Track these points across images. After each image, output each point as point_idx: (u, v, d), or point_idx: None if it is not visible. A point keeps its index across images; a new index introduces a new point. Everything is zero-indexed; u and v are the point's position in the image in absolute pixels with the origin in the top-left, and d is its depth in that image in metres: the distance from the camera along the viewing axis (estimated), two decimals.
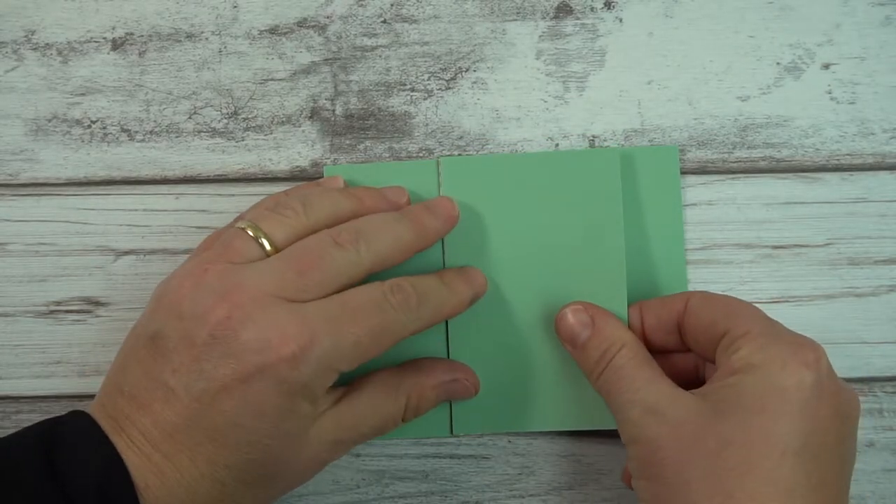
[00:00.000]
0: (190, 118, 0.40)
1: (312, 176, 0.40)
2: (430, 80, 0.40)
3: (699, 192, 0.39)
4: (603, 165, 0.37)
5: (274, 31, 0.40)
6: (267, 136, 0.40)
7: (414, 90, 0.40)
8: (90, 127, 0.40)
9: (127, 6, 0.41)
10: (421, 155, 0.40)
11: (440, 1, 0.40)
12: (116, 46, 0.40)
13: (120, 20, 0.41)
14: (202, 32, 0.40)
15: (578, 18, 0.40)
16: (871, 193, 0.39)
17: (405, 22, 0.40)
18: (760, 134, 0.39)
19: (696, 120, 0.40)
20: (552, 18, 0.40)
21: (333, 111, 0.40)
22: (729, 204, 0.39)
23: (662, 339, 0.35)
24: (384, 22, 0.40)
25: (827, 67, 0.40)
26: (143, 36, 0.40)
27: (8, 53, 0.40)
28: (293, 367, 0.29)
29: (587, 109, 0.40)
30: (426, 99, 0.40)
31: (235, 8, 0.40)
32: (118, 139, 0.40)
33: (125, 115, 0.40)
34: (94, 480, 0.29)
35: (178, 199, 0.40)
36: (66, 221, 0.40)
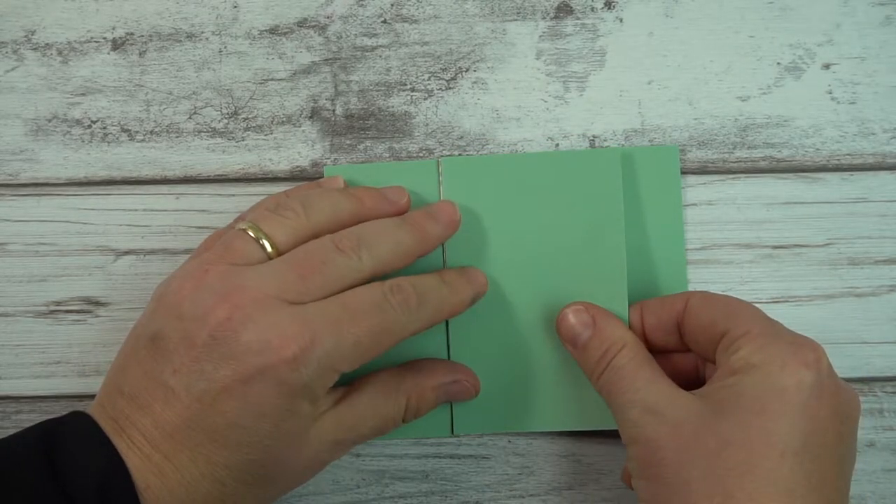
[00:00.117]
0: (190, 118, 0.40)
1: (312, 176, 0.40)
2: (430, 80, 0.40)
3: (699, 192, 0.39)
4: (603, 165, 0.37)
5: (274, 31, 0.40)
6: (267, 136, 0.40)
7: (414, 90, 0.40)
8: (90, 127, 0.40)
9: (127, 6, 0.41)
10: (421, 155, 0.40)
11: (440, 1, 0.40)
12: (116, 46, 0.40)
13: (120, 20, 0.41)
14: (202, 32, 0.40)
15: (578, 18, 0.40)
16: (871, 193, 0.39)
17: (405, 22, 0.40)
18: (761, 134, 0.39)
19: (696, 120, 0.40)
20: (552, 18, 0.40)
21: (333, 111, 0.40)
22: (729, 204, 0.39)
23: (662, 339, 0.35)
24: (384, 22, 0.40)
25: (827, 67, 0.40)
26: (143, 36, 0.40)
27: (8, 53, 0.40)
28: (293, 368, 0.29)
29: (587, 109, 0.40)
30: (426, 99, 0.40)
31: (235, 8, 0.40)
32: (118, 139, 0.40)
33: (125, 115, 0.40)
34: (94, 481, 0.29)
35: (178, 199, 0.40)
36: (66, 221, 0.40)
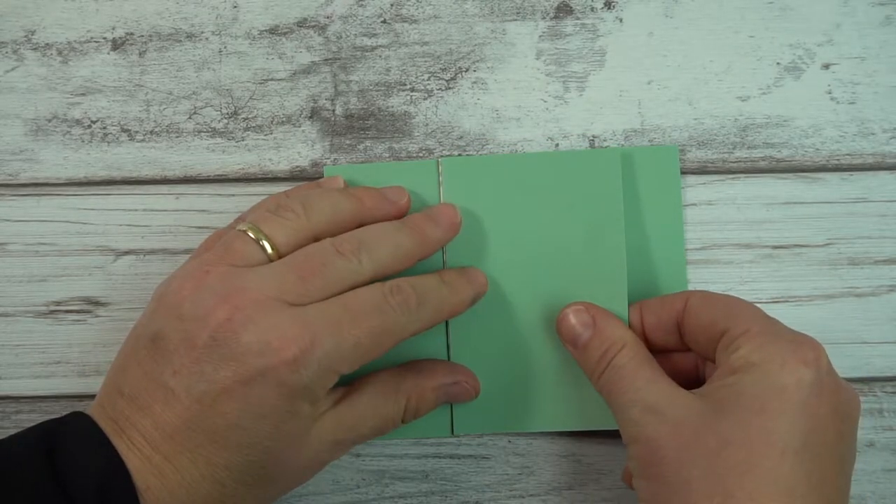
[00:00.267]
0: (190, 118, 0.40)
1: (312, 176, 0.40)
2: (430, 80, 0.40)
3: (699, 192, 0.39)
4: (603, 165, 0.37)
5: (274, 31, 0.40)
6: (267, 136, 0.40)
7: (414, 90, 0.40)
8: (90, 127, 0.40)
9: (127, 6, 0.41)
10: (421, 155, 0.40)
11: (440, 1, 0.40)
12: (116, 46, 0.40)
13: (120, 20, 0.41)
14: (202, 32, 0.40)
15: (578, 18, 0.40)
16: (871, 193, 0.39)
17: (405, 22, 0.40)
18: (760, 134, 0.39)
19: (696, 120, 0.40)
20: (552, 18, 0.40)
21: (333, 111, 0.40)
22: (729, 204, 0.39)
23: (662, 338, 0.35)
24: (384, 22, 0.40)
25: (827, 67, 0.40)
26: (143, 36, 0.40)
27: (8, 53, 0.40)
28: (294, 369, 0.29)
29: (587, 109, 0.40)
30: (426, 99, 0.40)
31: (235, 8, 0.40)
32: (118, 139, 0.40)
33: (125, 115, 0.40)
34: (94, 481, 0.29)
35: (178, 199, 0.40)
36: (66, 221, 0.40)
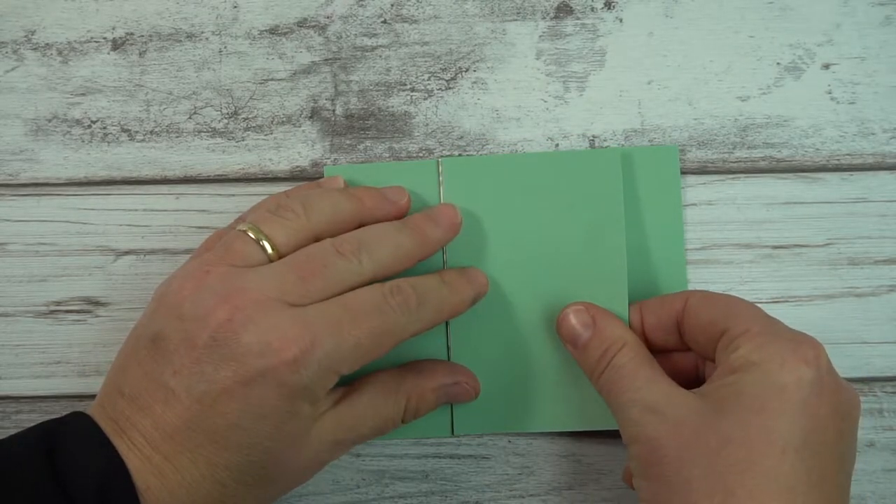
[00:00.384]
0: (190, 118, 0.40)
1: (312, 176, 0.40)
2: (430, 80, 0.40)
3: (699, 192, 0.39)
4: (604, 166, 0.37)
5: (274, 31, 0.40)
6: (267, 136, 0.40)
7: (414, 90, 0.40)
8: (90, 127, 0.40)
9: (127, 6, 0.41)
10: (421, 155, 0.40)
11: (440, 1, 0.40)
12: (116, 46, 0.40)
13: (120, 20, 0.41)
14: (202, 32, 0.40)
15: (578, 18, 0.40)
16: (871, 193, 0.39)
17: (405, 22, 0.40)
18: (760, 134, 0.39)
19: (696, 120, 0.40)
20: (552, 18, 0.40)
21: (333, 111, 0.40)
22: (729, 204, 0.39)
23: (662, 338, 0.35)
24: (384, 22, 0.40)
25: (827, 67, 0.40)
26: (143, 36, 0.40)
27: (8, 53, 0.40)
28: (294, 370, 0.29)
29: (587, 109, 0.40)
30: (426, 99, 0.40)
31: (235, 8, 0.40)
32: (118, 139, 0.40)
33: (125, 115, 0.40)
34: (94, 481, 0.29)
35: (178, 199, 0.40)
36: (66, 221, 0.40)
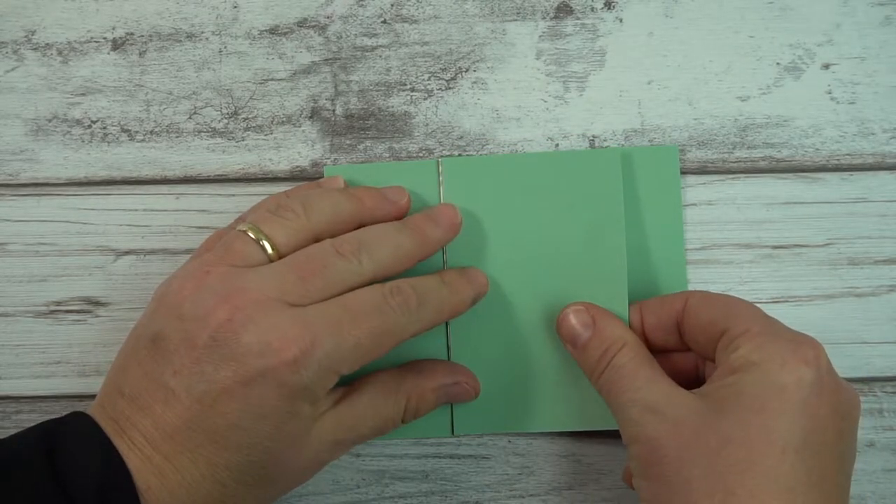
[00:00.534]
0: (190, 118, 0.40)
1: (312, 176, 0.40)
2: (430, 80, 0.40)
3: (699, 192, 0.39)
4: (604, 166, 0.37)
5: (274, 31, 0.40)
6: (267, 136, 0.40)
7: (414, 90, 0.40)
8: (90, 127, 0.40)
9: (127, 6, 0.41)
10: (421, 155, 0.40)
11: (440, 1, 0.40)
12: (116, 46, 0.40)
13: (120, 20, 0.41)
14: (202, 32, 0.40)
15: (578, 18, 0.40)
16: (871, 193, 0.39)
17: (405, 22, 0.40)
18: (760, 134, 0.39)
19: (696, 120, 0.40)
20: (552, 18, 0.40)
21: (333, 111, 0.40)
22: (729, 204, 0.39)
23: (662, 338, 0.35)
24: (384, 22, 0.40)
25: (827, 67, 0.40)
26: (143, 36, 0.40)
27: (8, 53, 0.40)
28: (294, 370, 0.29)
29: (587, 109, 0.40)
30: (426, 99, 0.40)
31: (235, 8, 0.40)
32: (118, 139, 0.40)
33: (125, 115, 0.40)
34: (95, 482, 0.29)
35: (178, 199, 0.40)
36: (66, 221, 0.40)
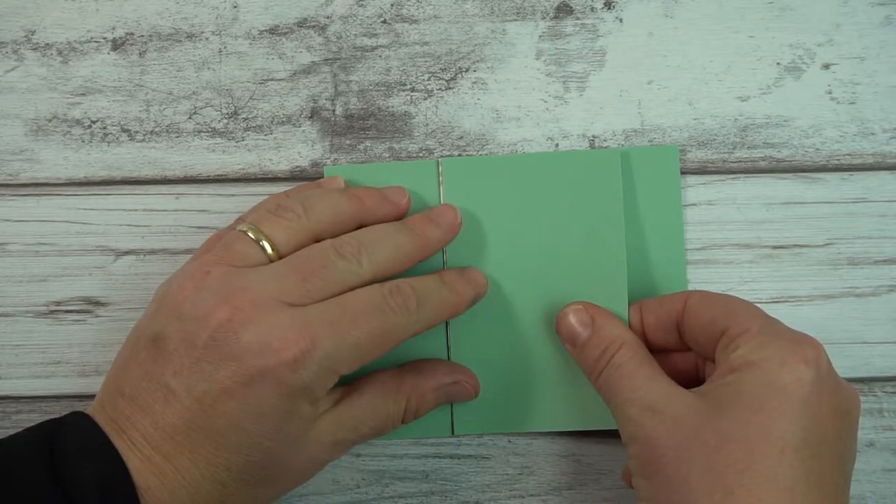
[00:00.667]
0: (190, 118, 0.40)
1: (312, 176, 0.40)
2: (430, 80, 0.40)
3: (699, 192, 0.39)
4: (603, 166, 0.37)
5: (274, 31, 0.40)
6: (267, 136, 0.40)
7: (414, 90, 0.40)
8: (90, 127, 0.40)
9: (127, 6, 0.41)
10: (421, 155, 0.40)
11: (440, 1, 0.40)
12: (116, 46, 0.40)
13: (120, 20, 0.41)
14: (202, 32, 0.40)
15: (578, 18, 0.40)
16: (871, 193, 0.39)
17: (405, 22, 0.40)
18: (760, 134, 0.39)
19: (696, 120, 0.40)
20: (552, 18, 0.40)
21: (333, 111, 0.40)
22: (729, 204, 0.39)
23: (662, 338, 0.35)
24: (384, 22, 0.40)
25: (827, 67, 0.40)
26: (143, 36, 0.40)
27: (8, 53, 0.40)
28: (294, 370, 0.29)
29: (587, 109, 0.40)
30: (426, 99, 0.40)
31: (235, 8, 0.40)
32: (118, 139, 0.40)
33: (125, 115, 0.40)
34: (95, 482, 0.29)
35: (178, 199, 0.40)
36: (66, 221, 0.40)
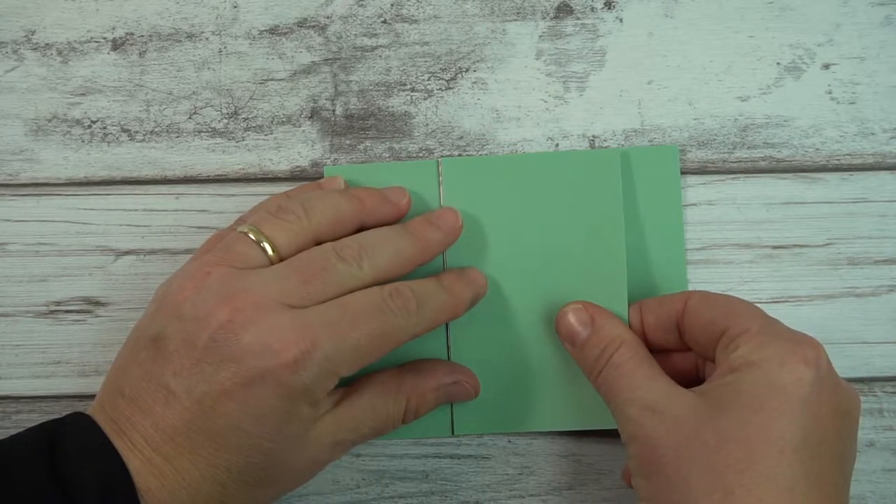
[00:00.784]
0: (190, 118, 0.40)
1: (312, 176, 0.40)
2: (430, 80, 0.40)
3: (699, 192, 0.39)
4: (603, 166, 0.37)
5: (274, 31, 0.40)
6: (267, 136, 0.40)
7: (414, 90, 0.40)
8: (90, 127, 0.40)
9: (127, 6, 0.41)
10: (421, 155, 0.40)
11: (440, 1, 0.40)
12: (116, 46, 0.40)
13: (120, 20, 0.41)
14: (202, 32, 0.40)
15: (578, 18, 0.40)
16: (871, 193, 0.39)
17: (405, 22, 0.40)
18: (760, 134, 0.39)
19: (696, 120, 0.40)
20: (552, 18, 0.40)
21: (333, 111, 0.40)
22: (729, 204, 0.39)
23: (662, 338, 0.35)
24: (384, 22, 0.40)
25: (827, 67, 0.40)
26: (143, 36, 0.40)
27: (8, 53, 0.40)
28: (294, 371, 0.29)
29: (587, 109, 0.40)
30: (426, 99, 0.40)
31: (235, 8, 0.40)
32: (118, 139, 0.40)
33: (125, 115, 0.40)
34: (95, 483, 0.29)
35: (178, 199, 0.40)
36: (66, 221, 0.40)
